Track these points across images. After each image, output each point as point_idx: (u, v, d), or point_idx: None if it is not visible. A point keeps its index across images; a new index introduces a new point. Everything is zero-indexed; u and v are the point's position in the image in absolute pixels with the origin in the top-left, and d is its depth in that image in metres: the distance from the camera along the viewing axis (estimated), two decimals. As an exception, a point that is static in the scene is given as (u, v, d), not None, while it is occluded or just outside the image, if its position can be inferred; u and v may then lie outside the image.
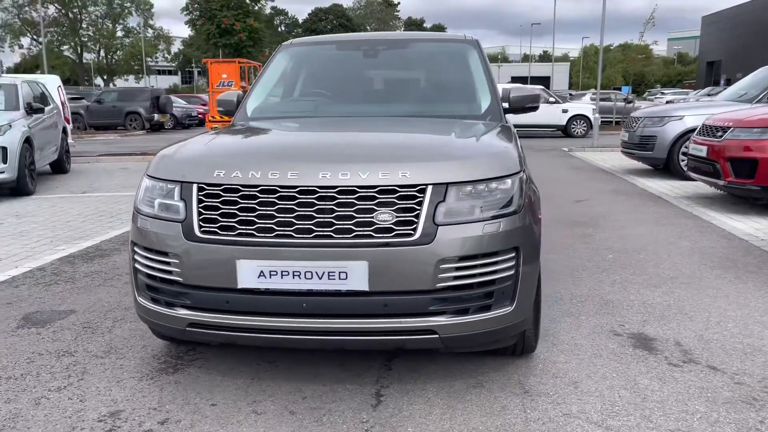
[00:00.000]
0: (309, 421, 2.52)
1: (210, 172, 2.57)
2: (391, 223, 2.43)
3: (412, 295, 2.45)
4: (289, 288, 2.44)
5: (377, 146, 2.91)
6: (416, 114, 3.67)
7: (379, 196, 2.45)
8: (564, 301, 3.94)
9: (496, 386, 2.80)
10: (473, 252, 2.48)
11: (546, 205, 7.15)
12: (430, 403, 2.65)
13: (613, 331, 3.44)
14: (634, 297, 4.01)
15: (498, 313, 2.57)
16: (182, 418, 2.55)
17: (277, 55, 4.32)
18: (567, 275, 4.50)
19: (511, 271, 2.58)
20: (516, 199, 2.61)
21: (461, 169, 2.55)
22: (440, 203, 2.46)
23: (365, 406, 2.63)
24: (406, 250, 2.41)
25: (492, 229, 2.50)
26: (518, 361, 3.05)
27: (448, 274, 2.44)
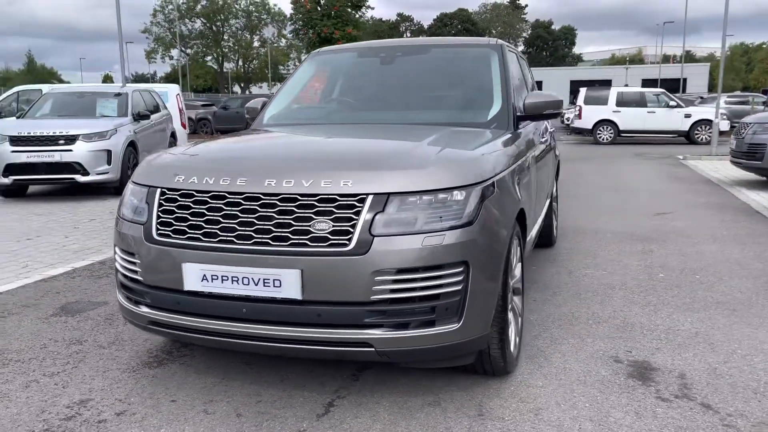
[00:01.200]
0: (250, 425, 2.56)
1: (172, 177, 2.68)
2: (327, 233, 2.41)
3: (347, 306, 2.41)
4: (229, 293, 2.49)
5: (333, 155, 2.89)
6: (417, 122, 3.60)
7: (319, 204, 2.44)
8: (578, 321, 3.69)
9: (453, 406, 2.68)
10: (412, 265, 2.39)
11: (618, 219, 6.73)
12: (376, 418, 2.60)
13: (614, 357, 3.17)
14: (661, 321, 3.67)
15: (442, 329, 2.47)
16: (137, 411, 2.68)
17: (304, 63, 4.42)
18: (599, 294, 4.20)
19: (458, 286, 2.46)
20: (469, 212, 2.49)
21: (407, 179, 2.48)
22: (379, 213, 2.41)
23: (310, 415, 2.62)
24: (340, 260, 2.38)
25: (434, 242, 2.40)
26: (490, 381, 2.90)
27: (384, 286, 2.38)
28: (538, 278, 4.58)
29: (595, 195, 8.67)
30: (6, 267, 5.18)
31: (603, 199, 8.32)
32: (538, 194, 4.08)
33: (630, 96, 19.31)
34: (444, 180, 2.51)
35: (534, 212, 3.79)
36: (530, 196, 3.49)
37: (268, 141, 3.25)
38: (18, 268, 5.13)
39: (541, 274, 4.68)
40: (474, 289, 2.50)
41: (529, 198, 3.43)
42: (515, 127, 3.60)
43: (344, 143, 3.17)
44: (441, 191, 2.49)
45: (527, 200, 3.35)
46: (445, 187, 2.50)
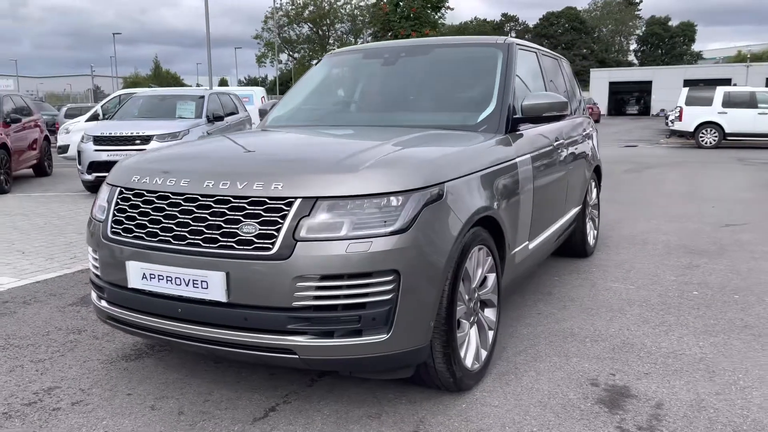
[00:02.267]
0: (185, 424, 2.58)
1: (130, 177, 2.76)
2: (253, 236, 2.39)
3: (270, 311, 2.37)
4: (166, 292, 2.53)
5: (277, 157, 2.85)
6: (407, 124, 3.49)
7: (249, 207, 2.42)
8: (575, 338, 3.44)
9: (392, 420, 2.58)
10: (336, 271, 2.32)
11: (679, 229, 6.22)
12: (309, 427, 2.54)
13: (593, 380, 2.93)
14: (668, 344, 3.34)
15: (369, 340, 2.38)
16: (91, 402, 2.78)
17: (317, 65, 4.43)
18: (612, 310, 3.90)
19: (387, 296, 2.36)
20: (404, 218, 2.39)
21: (338, 183, 2.41)
22: (304, 218, 2.36)
23: (247, 419, 2.61)
24: (263, 264, 2.35)
25: (360, 249, 2.32)
26: (443, 397, 2.76)
27: (307, 292, 2.32)
28: (555, 290, 4.32)
29: (667, 203, 8.09)
30: (57, 257, 5.57)
31: (674, 207, 7.74)
32: (548, 200, 3.85)
33: (738, 96, 17.87)
34: (378, 185, 2.42)
35: (535, 220, 3.57)
36: (520, 202, 3.29)
37: (229, 143, 3.26)
38: (66, 259, 5.50)
39: (561, 286, 4.41)
40: (406, 299, 2.39)
41: (515, 204, 3.23)
42: (510, 130, 3.41)
43: (295, 146, 3.13)
44: (374, 196, 2.40)
45: (510, 206, 3.16)
46: (379, 192, 2.40)
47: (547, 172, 3.80)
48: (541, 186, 3.66)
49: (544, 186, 3.71)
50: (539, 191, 3.61)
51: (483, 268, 2.90)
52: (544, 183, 3.71)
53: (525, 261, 3.56)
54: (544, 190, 3.74)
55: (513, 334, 3.52)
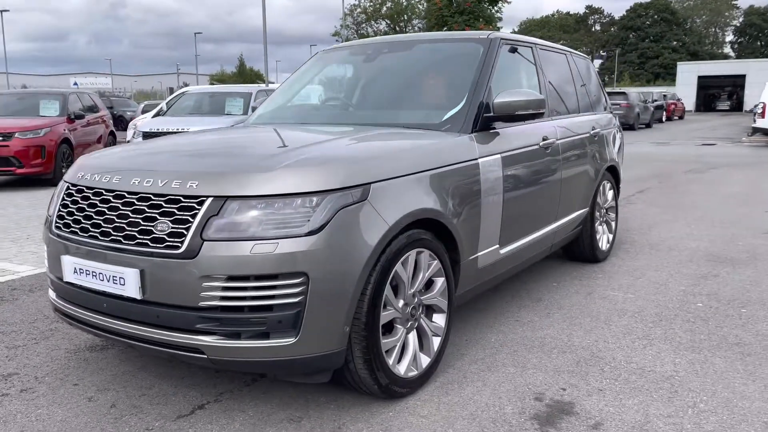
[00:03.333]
0: (111, 417, 2.63)
1: (77, 173, 2.84)
2: (165, 234, 2.40)
3: (180, 309, 2.38)
4: (92, 287, 2.58)
5: (204, 156, 2.84)
6: (374, 123, 3.42)
7: (165, 205, 2.43)
8: (541, 348, 3.27)
9: (310, 425, 2.53)
10: (242, 272, 2.30)
11: (714, 235, 5.80)
12: (226, 427, 2.53)
13: (539, 394, 2.76)
14: (639, 359, 3.11)
15: (276, 343, 2.34)
16: (38, 390, 2.88)
17: (307, 62, 4.41)
18: (599, 320, 3.68)
19: (294, 299, 2.31)
20: (316, 220, 2.33)
21: (251, 182, 2.38)
22: (213, 217, 2.34)
23: (172, 415, 2.63)
24: (171, 262, 2.36)
25: (265, 250, 2.28)
26: (372, 404, 2.68)
27: (213, 293, 2.31)
28: (547, 296, 4.12)
29: (717, 206, 7.56)
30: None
31: (722, 211, 7.23)
32: (529, 203, 3.67)
33: (830, 91, 16.49)
34: (292, 185, 2.37)
35: (509, 223, 3.41)
36: (482, 204, 3.15)
37: (178, 141, 3.27)
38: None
39: (555, 292, 4.21)
40: (315, 303, 2.33)
41: (475, 206, 3.09)
42: (481, 128, 3.27)
43: (229, 145, 3.09)
44: (286, 197, 2.35)
45: (468, 209, 3.03)
46: (292, 193, 2.36)
47: (528, 172, 3.62)
48: (517, 187, 3.49)
49: (521, 187, 3.54)
50: (514, 193, 3.44)
51: (425, 272, 2.79)
52: (521, 184, 3.54)
53: (496, 266, 3.40)
54: (522, 191, 3.56)
55: (479, 341, 3.38)
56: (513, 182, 3.44)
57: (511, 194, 3.41)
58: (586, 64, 5.25)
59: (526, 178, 3.61)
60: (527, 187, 3.62)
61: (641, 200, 8.10)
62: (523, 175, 3.57)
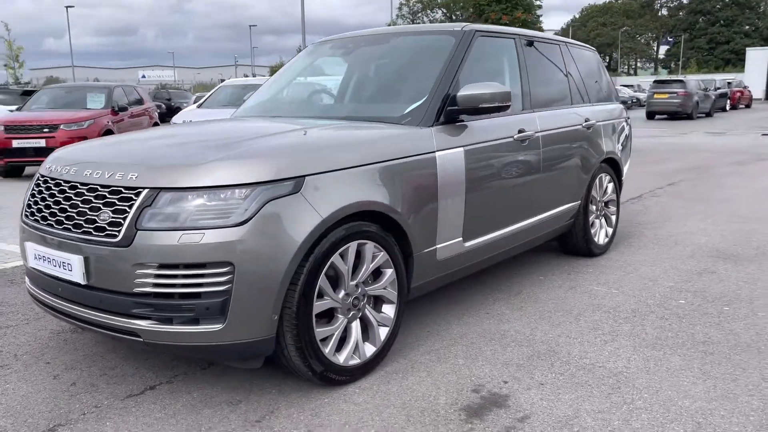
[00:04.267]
0: (68, 395, 2.80)
1: (47, 164, 3.02)
2: (106, 223, 2.54)
3: (118, 295, 2.51)
4: (48, 272, 2.75)
5: (151, 148, 2.95)
6: (337, 116, 3.48)
7: (109, 196, 2.57)
8: (500, 341, 3.27)
9: (245, 408, 2.63)
10: (172, 261, 2.41)
11: (729, 230, 5.59)
12: (168, 408, 2.66)
13: (478, 386, 2.78)
14: (595, 355, 3.08)
15: (205, 329, 2.45)
16: (13, 367, 3.09)
17: (300, 54, 4.49)
18: (570, 315, 3.65)
19: (221, 287, 2.41)
20: (243, 211, 2.42)
21: (183, 174, 2.49)
22: (147, 207, 2.46)
23: (123, 395, 2.78)
24: (109, 250, 2.49)
25: (192, 240, 2.39)
26: (313, 391, 2.77)
27: (146, 279, 2.44)
28: (528, 290, 4.10)
29: (746, 200, 7.26)
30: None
31: (749, 205, 6.94)
32: (501, 195, 3.65)
33: None
34: (223, 177, 2.46)
35: (474, 216, 3.42)
36: (439, 197, 3.17)
37: (143, 135, 3.41)
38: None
39: (537, 286, 4.17)
40: (242, 291, 2.42)
41: (429, 199, 3.12)
42: (445, 121, 3.29)
43: (180, 139, 3.18)
44: (216, 189, 2.45)
45: (421, 201, 3.06)
46: (221, 185, 2.45)
47: (497, 165, 3.60)
48: (484, 180, 3.48)
49: (489, 180, 3.53)
50: (480, 186, 3.44)
51: (369, 264, 2.84)
52: (489, 177, 3.52)
53: (459, 258, 3.42)
54: (491, 184, 3.55)
55: (440, 332, 3.40)
56: (479, 175, 3.43)
57: (476, 187, 3.41)
58: (589, 55, 5.14)
59: (496, 171, 3.59)
60: (497, 180, 3.60)
61: (668, 193, 7.86)
62: (492, 169, 3.56)
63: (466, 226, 3.41)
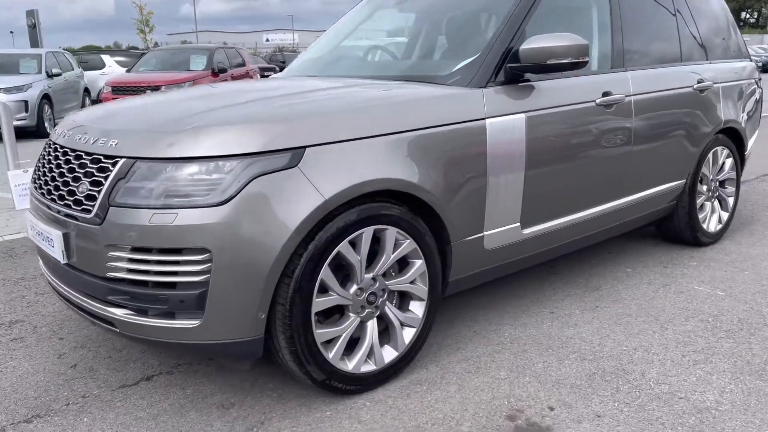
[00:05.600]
0: (63, 378, 2.58)
1: (56, 129, 2.78)
2: (83, 196, 2.23)
3: (93, 278, 2.22)
4: (41, 247, 2.51)
5: (148, 114, 2.57)
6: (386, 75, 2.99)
7: (90, 164, 2.27)
8: (559, 351, 2.70)
9: (234, 415, 2.28)
10: (144, 244, 2.07)
11: None
12: (155, 406, 2.37)
13: (516, 410, 2.26)
14: (678, 380, 2.44)
15: (180, 324, 2.10)
16: (27, 340, 2.93)
17: (357, 7, 4.00)
18: (656, 322, 2.98)
19: (198, 277, 2.04)
20: (225, 189, 2.03)
21: (161, 143, 2.13)
22: (121, 180, 2.13)
23: (115, 384, 2.52)
24: (83, 227, 2.19)
25: (164, 221, 2.03)
26: (316, 400, 2.37)
27: (120, 263, 2.12)
28: (608, 285, 3.44)
29: None
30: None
31: None
32: (576, 173, 3.02)
33: None
34: (204, 147, 2.07)
35: (538, 197, 2.84)
36: (489, 173, 2.62)
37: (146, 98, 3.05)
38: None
39: (622, 281, 3.50)
40: (220, 284, 2.04)
41: (477, 177, 2.57)
42: (500, 81, 2.71)
43: (175, 105, 2.75)
44: (195, 160, 2.07)
45: (465, 179, 2.53)
46: (201, 156, 2.06)
47: (571, 136, 2.96)
48: (552, 154, 2.87)
49: (558, 154, 2.91)
50: (545, 160, 2.84)
51: (391, 253, 2.37)
52: (559, 150, 2.90)
53: (516, 248, 2.85)
54: (561, 159, 2.92)
55: (488, 332, 2.88)
56: (544, 147, 2.83)
57: (540, 162, 2.81)
58: (713, 1, 4.23)
59: (568, 142, 2.95)
60: (569, 154, 2.96)
61: (810, 170, 6.64)
62: (563, 140, 2.92)
63: (525, 210, 2.82)
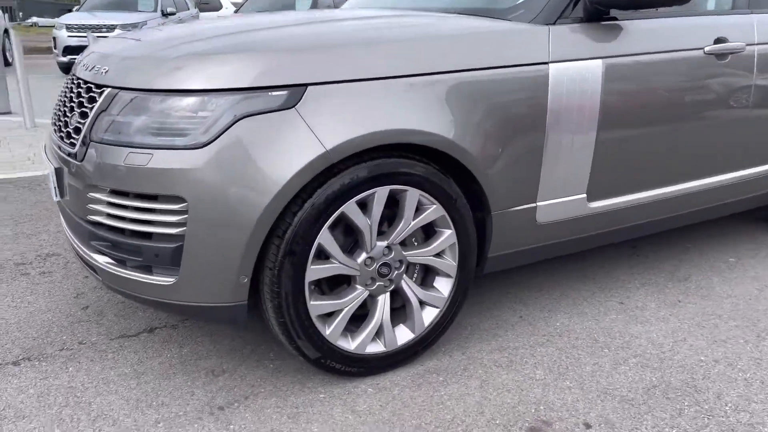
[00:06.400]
0: (71, 319, 2.47)
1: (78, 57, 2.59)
2: (72, 128, 2.03)
3: (79, 219, 2.02)
4: (49, 182, 2.36)
5: (162, 42, 2.25)
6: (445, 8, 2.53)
7: (83, 94, 2.06)
8: (618, 352, 2.24)
9: (220, 385, 2.04)
10: (121, 187, 1.83)
11: None
12: (142, 362, 2.18)
13: (544, 423, 1.85)
14: (765, 408, 1.92)
15: (155, 280, 1.86)
16: (53, 275, 2.85)
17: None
18: (749, 328, 2.42)
19: (173, 229, 1.78)
20: (205, 129, 1.74)
21: (139, 70, 1.88)
22: (103, 113, 1.89)
23: (116, 333, 2.37)
24: (71, 163, 1.99)
25: (138, 161, 1.78)
26: (311, 380, 2.08)
27: (99, 206, 1.90)
28: (701, 277, 2.86)
29: None
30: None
31: None
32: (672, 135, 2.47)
33: None
34: (182, 78, 1.78)
35: (614, 164, 2.35)
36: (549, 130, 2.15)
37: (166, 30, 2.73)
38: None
39: (719, 273, 2.90)
40: (196, 239, 1.77)
41: (531, 134, 2.12)
42: (574, 17, 2.22)
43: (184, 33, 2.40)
44: (172, 93, 1.78)
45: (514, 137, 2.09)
46: (179, 89, 1.77)
47: (667, 90, 2.39)
48: (637, 111, 2.33)
49: (646, 112, 2.36)
50: (627, 119, 2.32)
51: (411, 219, 2.00)
52: (647, 107, 2.36)
53: (578, 224, 2.38)
54: (650, 118, 2.38)
55: (536, 320, 2.45)
56: (627, 104, 2.30)
57: (619, 120, 2.29)
58: None
59: (660, 100, 2.39)
60: (659, 114, 2.40)
61: None
62: (654, 95, 2.36)
63: (594, 179, 2.33)
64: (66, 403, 1.94)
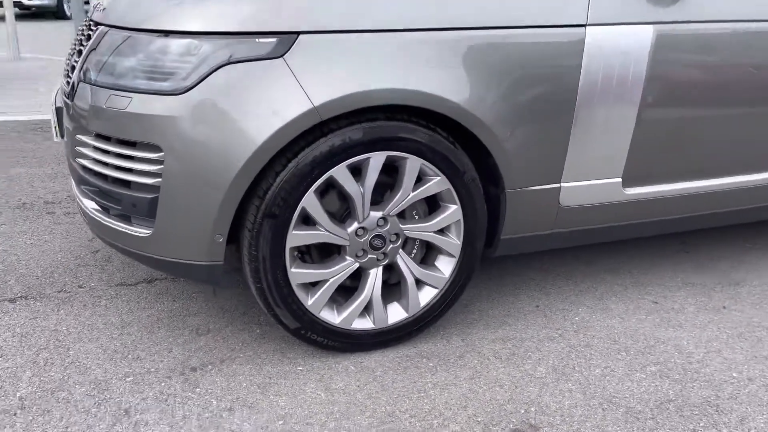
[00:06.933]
0: (74, 264, 2.47)
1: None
2: (70, 67, 1.98)
3: (72, 161, 1.97)
4: (63, 121, 2.33)
5: None
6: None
7: (85, 31, 2.00)
8: (638, 356, 2.00)
9: (201, 344, 1.97)
10: (104, 131, 1.76)
11: None
12: (132, 312, 2.14)
13: (532, 426, 1.66)
14: None
15: (133, 231, 1.79)
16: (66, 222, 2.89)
17: None
18: None
19: (150, 179, 1.70)
20: (185, 75, 1.62)
21: (126, 8, 1.78)
22: (93, 52, 1.81)
23: (115, 281, 2.35)
24: (67, 103, 1.94)
25: (118, 105, 1.69)
26: (297, 348, 1.97)
27: (85, 150, 1.84)
28: (756, 280, 2.54)
29: None
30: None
31: None
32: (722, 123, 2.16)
33: None
34: (165, 19, 1.67)
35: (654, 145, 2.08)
36: (578, 105, 1.91)
37: None
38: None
39: (740, 263, 2.57)
40: (171, 191, 1.68)
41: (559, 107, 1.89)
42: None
43: None
44: (155, 34, 1.67)
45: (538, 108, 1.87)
46: (163, 29, 1.66)
47: (730, 66, 2.08)
48: (691, 88, 2.04)
49: (703, 91, 2.06)
50: (680, 97, 2.03)
51: (410, 190, 1.82)
52: (704, 85, 2.05)
53: (609, 211, 2.13)
54: (706, 99, 2.08)
55: (553, 313, 2.24)
56: (678, 79, 2.01)
57: (667, 99, 2.01)
58: None
59: (721, 77, 2.07)
60: (718, 93, 2.09)
61: None
62: (713, 72, 2.05)
63: (632, 161, 2.07)
64: (45, 346, 1.92)
